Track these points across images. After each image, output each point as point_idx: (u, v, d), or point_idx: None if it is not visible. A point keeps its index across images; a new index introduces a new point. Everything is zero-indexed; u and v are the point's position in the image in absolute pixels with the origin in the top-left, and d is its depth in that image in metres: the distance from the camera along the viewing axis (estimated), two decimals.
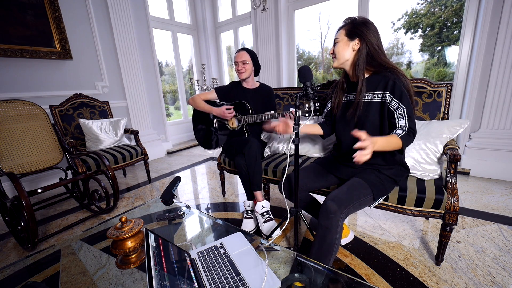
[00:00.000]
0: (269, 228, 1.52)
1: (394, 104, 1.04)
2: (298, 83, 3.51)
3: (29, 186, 2.42)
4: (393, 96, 1.04)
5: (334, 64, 1.18)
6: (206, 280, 0.72)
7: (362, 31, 1.06)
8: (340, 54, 1.12)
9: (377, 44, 1.06)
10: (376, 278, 1.17)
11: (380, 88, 1.07)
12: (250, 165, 1.53)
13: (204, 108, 1.84)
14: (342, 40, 1.11)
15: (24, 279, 0.87)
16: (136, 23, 3.27)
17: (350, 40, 1.09)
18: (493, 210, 1.70)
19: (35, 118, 1.90)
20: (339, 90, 1.25)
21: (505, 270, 1.17)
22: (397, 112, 1.03)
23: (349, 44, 1.09)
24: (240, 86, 1.84)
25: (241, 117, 1.76)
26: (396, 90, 1.03)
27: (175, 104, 4.73)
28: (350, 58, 1.12)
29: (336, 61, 1.15)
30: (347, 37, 1.09)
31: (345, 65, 1.15)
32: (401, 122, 1.03)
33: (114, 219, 1.25)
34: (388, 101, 1.05)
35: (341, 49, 1.11)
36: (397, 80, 1.03)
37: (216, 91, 1.86)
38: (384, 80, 1.06)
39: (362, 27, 1.06)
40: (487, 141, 2.21)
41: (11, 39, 2.26)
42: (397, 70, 1.06)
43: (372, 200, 1.09)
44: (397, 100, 1.03)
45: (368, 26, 1.06)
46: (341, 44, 1.11)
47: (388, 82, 1.04)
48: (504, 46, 2.01)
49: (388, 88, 1.04)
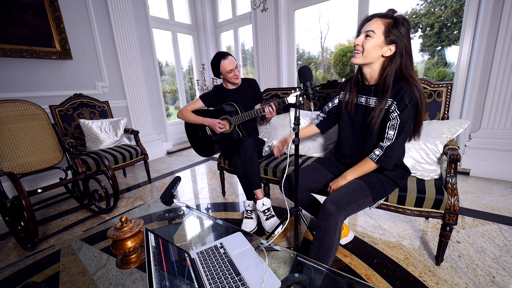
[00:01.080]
0: (272, 225, 1.52)
1: (394, 114, 1.00)
2: (298, 83, 3.51)
3: (29, 186, 2.42)
4: (397, 107, 0.98)
5: (357, 61, 1.02)
6: (206, 280, 0.72)
7: (402, 38, 0.92)
8: (369, 53, 0.97)
9: (410, 55, 0.96)
10: (376, 278, 1.17)
11: (391, 96, 1.00)
12: (246, 164, 1.53)
13: (195, 120, 1.83)
14: (379, 38, 0.94)
15: (24, 279, 0.87)
16: (136, 23, 3.27)
17: (386, 42, 0.95)
18: (493, 210, 1.70)
19: (35, 118, 1.90)
20: (354, 87, 1.14)
21: (505, 270, 1.17)
22: (391, 121, 1.00)
23: (382, 47, 0.96)
24: (223, 88, 1.83)
25: (231, 119, 1.76)
26: (402, 102, 0.97)
27: (175, 104, 4.73)
28: (377, 63, 1.00)
29: (360, 57, 1.00)
30: (385, 37, 0.94)
31: (367, 67, 1.04)
32: (390, 132, 1.00)
33: (114, 219, 1.25)
34: (392, 109, 1.00)
35: (373, 47, 0.96)
36: (407, 94, 0.95)
37: (202, 99, 1.84)
38: (396, 88, 0.99)
39: (402, 30, 0.92)
40: (487, 141, 2.21)
41: (11, 39, 2.26)
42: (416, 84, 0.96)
43: (371, 201, 1.08)
44: (398, 111, 0.98)
45: (407, 28, 0.93)
46: (375, 41, 0.95)
47: (400, 93, 0.97)
48: (504, 46, 2.01)
49: (397, 98, 0.98)
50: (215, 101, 1.83)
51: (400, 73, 0.98)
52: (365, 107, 1.12)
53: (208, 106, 1.86)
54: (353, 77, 1.17)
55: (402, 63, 0.96)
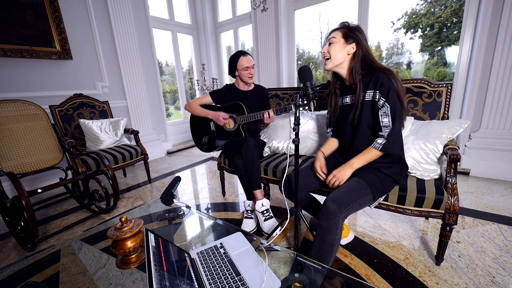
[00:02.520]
0: (270, 226, 1.52)
1: (381, 102, 1.07)
2: (298, 83, 3.51)
3: (29, 186, 2.42)
4: (381, 95, 1.06)
5: (328, 66, 1.17)
6: (206, 280, 0.72)
7: (358, 36, 1.10)
8: (335, 56, 1.13)
9: (369, 49, 1.11)
10: (376, 278, 1.17)
11: (371, 88, 1.10)
12: (247, 164, 1.53)
13: (200, 113, 1.85)
14: (339, 42, 1.12)
15: (24, 279, 0.87)
16: (136, 23, 3.27)
17: (347, 43, 1.11)
18: (493, 210, 1.70)
19: (35, 118, 1.90)
20: (333, 96, 1.27)
21: (505, 270, 1.17)
22: (381, 110, 1.07)
23: (345, 47, 1.11)
24: (235, 88, 1.84)
25: (237, 117, 1.77)
26: (384, 88, 1.05)
27: (175, 104, 4.73)
28: (346, 61, 1.14)
29: (330, 62, 1.15)
30: (344, 39, 1.11)
31: (339, 68, 1.16)
32: (385, 120, 1.06)
33: (114, 219, 1.25)
34: (377, 99, 1.07)
35: (337, 51, 1.12)
36: (385, 79, 1.05)
37: (211, 95, 1.86)
38: (374, 79, 1.09)
39: (357, 32, 1.10)
40: (487, 141, 2.21)
41: (11, 39, 2.26)
42: (389, 71, 1.08)
43: (372, 200, 1.09)
44: (384, 98, 1.05)
45: (361, 31, 1.11)
46: (337, 45, 1.12)
47: (378, 81, 1.07)
48: (504, 46, 2.01)
49: (377, 87, 1.07)
50: (224, 99, 1.85)
51: (365, 64, 1.12)
52: (351, 105, 1.19)
53: (216, 103, 1.88)
54: (331, 87, 1.28)
55: (364, 54, 1.10)
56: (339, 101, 1.26)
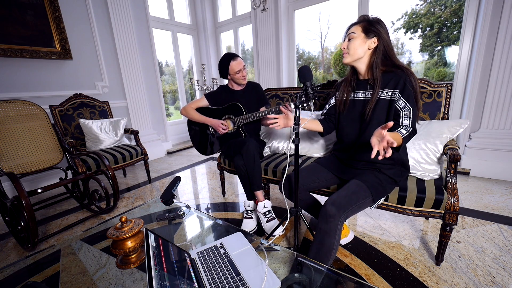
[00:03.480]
0: (272, 227, 1.52)
1: (401, 103, 1.05)
2: (298, 83, 3.51)
3: (29, 186, 2.42)
4: (402, 96, 1.04)
5: (346, 60, 1.14)
6: (206, 280, 0.72)
7: (379, 30, 1.05)
8: (355, 51, 1.09)
9: (390, 43, 1.07)
10: (376, 278, 1.17)
11: (390, 86, 1.07)
12: (248, 165, 1.53)
13: (199, 119, 1.84)
14: (359, 37, 1.08)
15: (24, 279, 0.87)
16: (136, 23, 3.27)
17: (368, 38, 1.07)
18: (493, 210, 1.70)
19: (35, 118, 1.90)
20: (347, 88, 1.22)
21: (505, 270, 1.17)
22: (403, 111, 1.05)
23: (366, 42, 1.08)
24: (228, 89, 1.83)
25: (236, 119, 1.76)
26: (406, 90, 1.03)
27: (175, 104, 4.72)
28: (366, 56, 1.11)
29: (348, 57, 1.12)
30: (364, 34, 1.07)
31: (358, 63, 1.13)
32: (405, 122, 1.04)
33: (114, 219, 1.25)
34: (396, 99, 1.06)
35: (357, 46, 1.08)
36: (407, 81, 1.04)
37: (207, 97, 1.85)
38: (395, 78, 1.06)
39: (378, 26, 1.05)
40: (487, 141, 2.21)
41: (11, 39, 2.26)
42: (409, 70, 1.06)
43: (371, 202, 1.08)
44: (405, 99, 1.04)
45: (382, 24, 1.07)
46: (358, 40, 1.08)
47: (399, 81, 1.04)
48: (504, 46, 2.01)
49: (398, 87, 1.05)
50: (219, 100, 1.84)
51: (385, 59, 1.09)
52: (363, 100, 1.17)
53: (212, 104, 1.86)
54: (347, 77, 1.24)
55: (385, 49, 1.07)
56: (351, 95, 1.22)
